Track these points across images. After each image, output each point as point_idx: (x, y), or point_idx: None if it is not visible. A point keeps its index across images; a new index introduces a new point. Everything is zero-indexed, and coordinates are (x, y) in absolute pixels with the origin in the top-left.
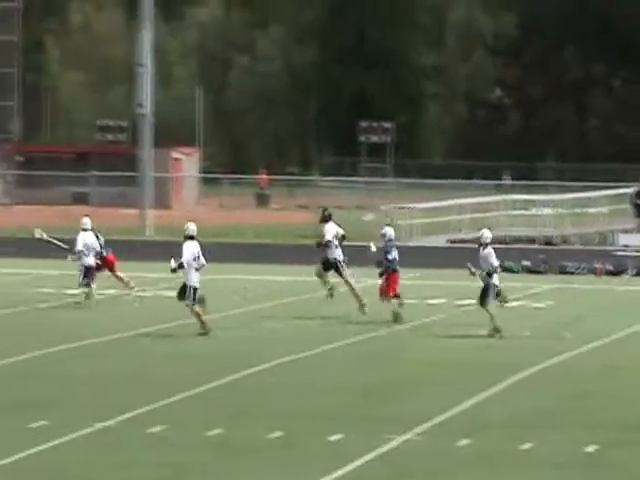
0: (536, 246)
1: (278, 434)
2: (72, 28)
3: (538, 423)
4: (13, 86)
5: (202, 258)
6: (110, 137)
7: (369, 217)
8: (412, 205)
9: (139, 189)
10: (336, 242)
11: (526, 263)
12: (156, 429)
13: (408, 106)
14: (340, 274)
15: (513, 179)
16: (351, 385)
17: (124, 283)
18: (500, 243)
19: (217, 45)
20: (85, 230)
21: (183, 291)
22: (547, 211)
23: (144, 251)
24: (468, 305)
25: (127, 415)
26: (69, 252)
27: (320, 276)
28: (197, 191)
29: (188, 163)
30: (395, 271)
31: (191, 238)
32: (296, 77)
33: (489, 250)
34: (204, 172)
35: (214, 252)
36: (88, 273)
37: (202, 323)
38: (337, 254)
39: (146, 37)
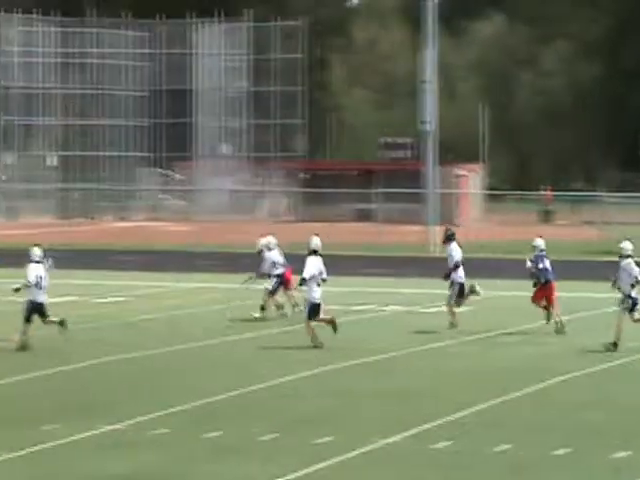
0: None
1: (563, 451)
2: (357, 46)
3: None
4: (299, 104)
5: (324, 273)
6: (394, 154)
7: None
8: None
9: (423, 206)
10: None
11: None
12: (441, 445)
13: None
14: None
15: None
16: None
17: (291, 303)
18: None
19: (500, 60)
20: (270, 250)
21: (312, 310)
22: None
23: (428, 267)
24: None
25: (412, 431)
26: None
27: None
28: (481, 207)
29: (472, 179)
30: (547, 281)
31: (314, 252)
32: (581, 92)
33: (628, 261)
34: (488, 188)
35: (506, 269)
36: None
37: (314, 337)
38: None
39: (429, 54)
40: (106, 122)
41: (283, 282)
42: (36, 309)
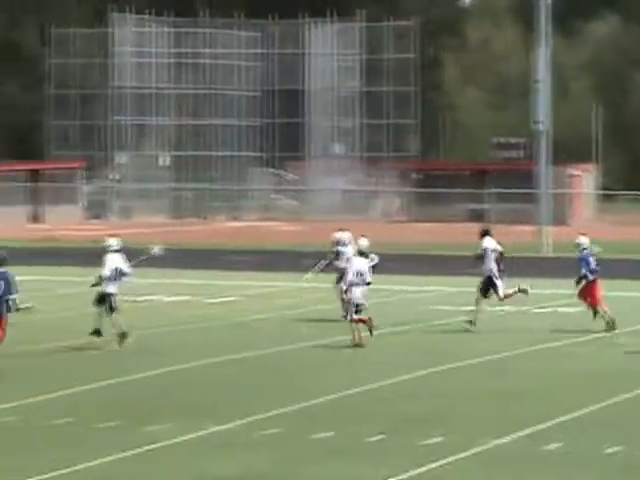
0: None
1: None
2: (470, 45)
3: None
4: (411, 104)
5: (366, 275)
6: (507, 154)
7: None
8: None
9: (536, 206)
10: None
11: None
12: (553, 446)
13: None
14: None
15: None
16: None
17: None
18: None
19: (614, 60)
20: (345, 245)
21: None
22: None
23: (541, 267)
24: None
25: (523, 432)
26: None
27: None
28: (594, 207)
29: (585, 179)
30: (593, 280)
31: (361, 254)
32: None
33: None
34: (601, 189)
35: (620, 269)
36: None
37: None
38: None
39: (542, 53)
40: (218, 122)
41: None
42: (102, 298)
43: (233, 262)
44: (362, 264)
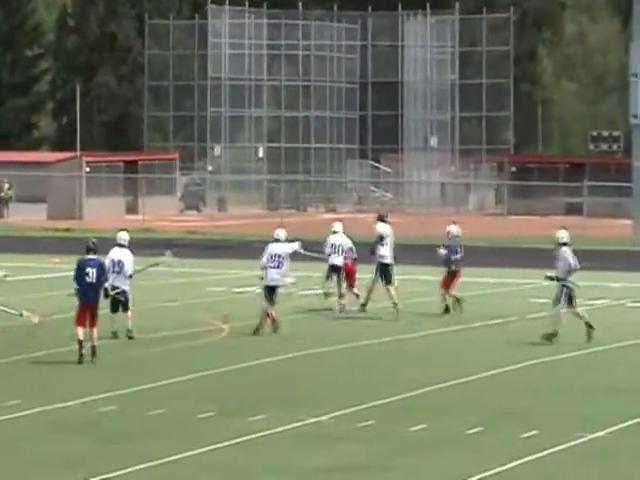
0: None
1: None
2: (566, 38)
3: None
4: (507, 96)
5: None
6: (604, 147)
7: None
8: None
9: (633, 200)
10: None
11: None
12: None
13: None
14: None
15: None
16: None
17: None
18: None
19: None
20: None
21: None
22: None
23: (635, 261)
24: None
25: (617, 427)
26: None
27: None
28: None
29: None
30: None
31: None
32: None
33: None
34: None
35: None
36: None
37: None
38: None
39: (639, 47)
40: (314, 114)
41: (335, 270)
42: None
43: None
44: (277, 248)
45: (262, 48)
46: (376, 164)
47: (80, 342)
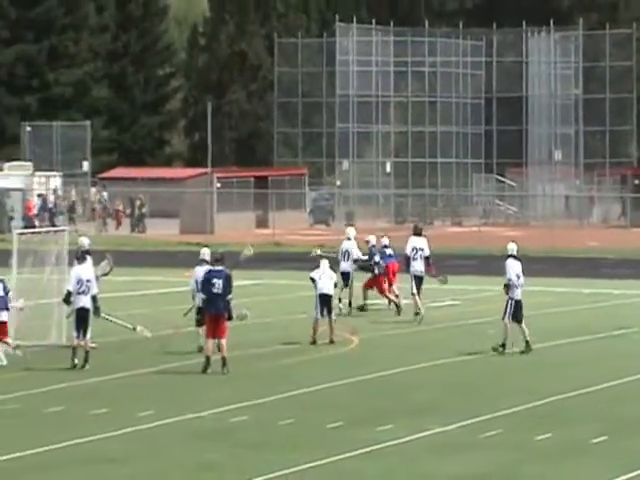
0: None
1: None
2: None
3: None
4: (630, 111)
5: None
6: None
7: None
8: None
9: None
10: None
11: None
12: None
13: None
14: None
15: None
16: None
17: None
18: None
19: None
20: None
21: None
22: None
23: None
24: None
25: None
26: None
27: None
28: None
29: None
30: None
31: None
32: None
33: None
34: None
35: None
36: None
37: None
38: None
39: None
40: (440, 129)
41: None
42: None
43: (457, 266)
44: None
45: (389, 65)
46: (501, 178)
47: (206, 353)
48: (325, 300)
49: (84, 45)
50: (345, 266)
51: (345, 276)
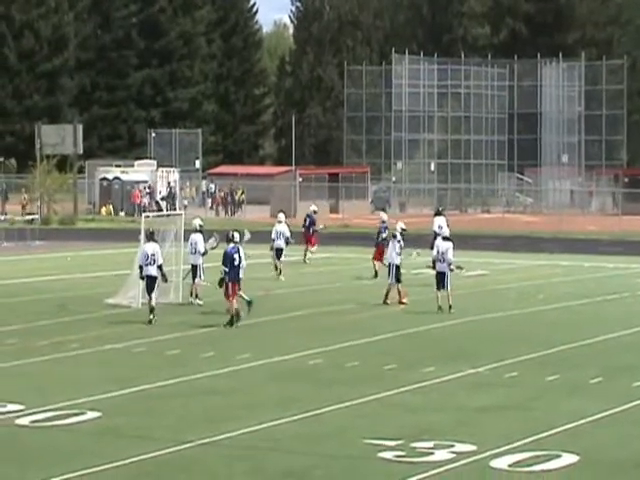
0: None
1: None
2: None
3: None
4: (622, 124)
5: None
6: None
7: None
8: None
9: None
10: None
11: None
12: None
13: None
14: None
15: None
16: None
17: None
18: None
19: None
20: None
21: None
22: None
23: None
24: None
25: None
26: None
27: None
28: None
29: None
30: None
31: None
32: None
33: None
34: None
35: None
36: None
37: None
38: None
39: None
40: (473, 137)
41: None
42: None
43: (484, 244)
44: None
45: (433, 87)
46: (520, 176)
47: (230, 311)
48: (396, 270)
49: (197, 70)
50: (279, 243)
51: (279, 252)
